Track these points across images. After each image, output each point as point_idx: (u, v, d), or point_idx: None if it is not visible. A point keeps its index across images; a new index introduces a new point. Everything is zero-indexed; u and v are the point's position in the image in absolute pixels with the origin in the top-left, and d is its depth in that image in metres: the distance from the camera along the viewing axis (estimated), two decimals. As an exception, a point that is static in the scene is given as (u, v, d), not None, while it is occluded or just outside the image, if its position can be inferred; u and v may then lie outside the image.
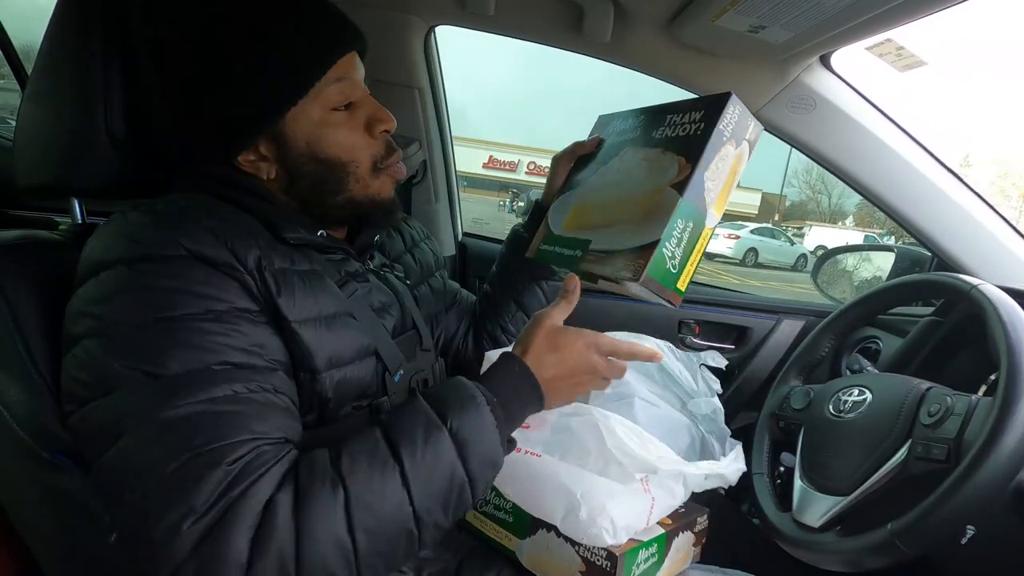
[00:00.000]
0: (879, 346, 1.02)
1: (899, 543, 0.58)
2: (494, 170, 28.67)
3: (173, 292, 0.49)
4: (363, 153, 0.63)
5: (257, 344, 0.52)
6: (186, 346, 0.48)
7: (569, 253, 0.69)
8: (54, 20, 0.63)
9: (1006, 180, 27.05)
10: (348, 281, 0.64)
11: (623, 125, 0.75)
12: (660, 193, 0.61)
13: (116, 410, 0.47)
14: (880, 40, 0.82)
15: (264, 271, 0.54)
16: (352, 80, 0.62)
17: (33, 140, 0.65)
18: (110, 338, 0.48)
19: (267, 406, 0.50)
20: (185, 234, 0.51)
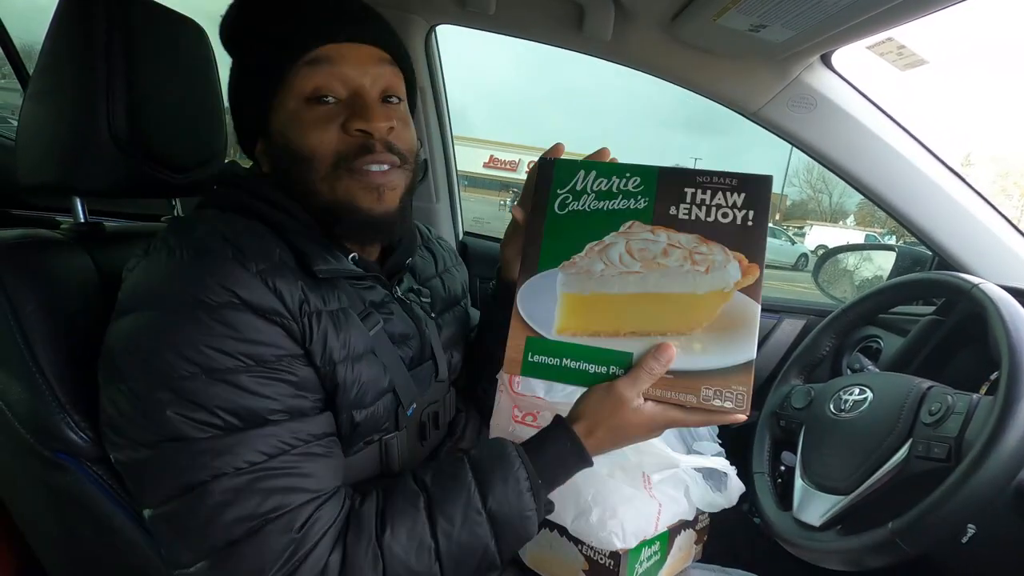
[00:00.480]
0: (880, 345, 1.02)
1: (900, 542, 0.58)
2: (495, 169, 28.68)
3: (224, 342, 0.49)
4: (325, 147, 0.58)
5: (304, 386, 0.54)
6: (240, 397, 0.49)
7: (598, 371, 0.55)
8: (56, 18, 0.63)
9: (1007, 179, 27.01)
10: (371, 313, 0.62)
11: (601, 184, 0.57)
12: (723, 298, 0.53)
13: (174, 464, 0.49)
14: (881, 39, 0.82)
15: (303, 315, 0.54)
16: (338, 75, 0.58)
17: (35, 139, 0.65)
18: (163, 387, 0.48)
19: (320, 458, 0.53)
20: (235, 281, 0.51)
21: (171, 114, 0.71)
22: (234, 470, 0.48)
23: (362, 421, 0.59)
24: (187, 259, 0.52)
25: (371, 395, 0.60)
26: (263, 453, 0.50)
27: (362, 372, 0.58)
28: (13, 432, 0.57)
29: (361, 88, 0.59)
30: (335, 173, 0.59)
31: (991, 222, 1.01)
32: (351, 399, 0.58)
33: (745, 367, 0.51)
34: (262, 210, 0.59)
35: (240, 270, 0.51)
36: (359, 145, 0.59)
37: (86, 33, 0.62)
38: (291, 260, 0.56)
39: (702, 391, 0.52)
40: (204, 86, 0.76)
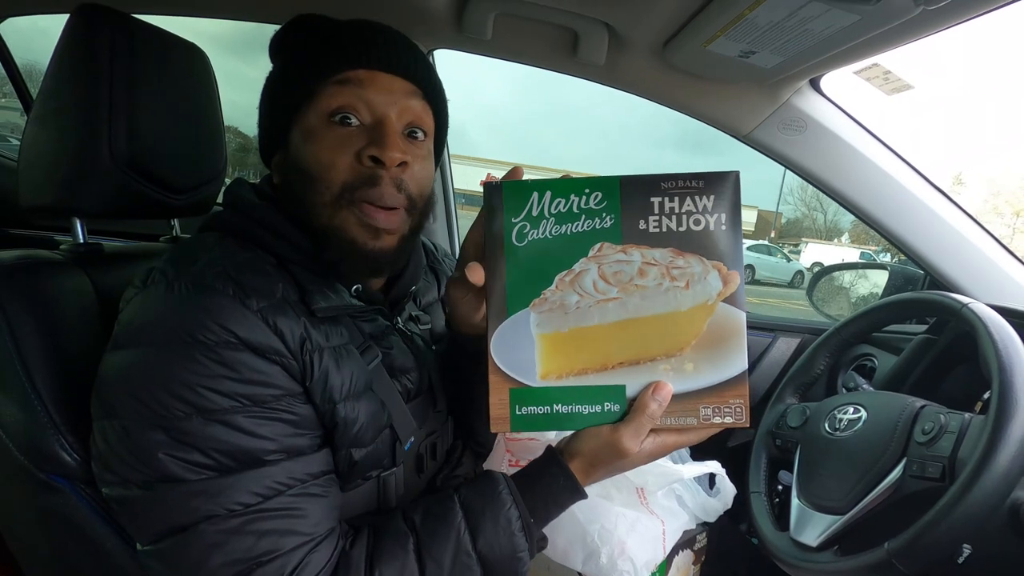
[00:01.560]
0: (874, 363, 1.03)
1: (896, 563, 0.58)
2: (492, 188, 28.77)
3: (221, 382, 0.48)
4: (336, 175, 0.56)
5: (303, 424, 0.53)
6: (236, 438, 0.49)
7: (593, 410, 0.52)
8: (61, 43, 0.64)
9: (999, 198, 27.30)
10: (369, 347, 0.61)
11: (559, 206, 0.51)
12: (708, 311, 0.50)
13: (166, 504, 0.48)
14: (868, 64, 0.84)
15: (305, 353, 0.53)
16: (363, 97, 0.57)
17: (37, 161, 0.66)
18: (156, 428, 0.48)
19: (316, 498, 0.52)
20: (235, 320, 0.49)
21: (172, 136, 0.72)
22: (226, 512, 0.48)
23: (360, 459, 0.59)
24: (185, 295, 0.50)
25: (371, 433, 0.59)
26: (257, 495, 0.49)
27: (362, 410, 0.57)
28: (7, 453, 0.56)
29: (386, 117, 0.58)
30: (337, 202, 0.57)
31: (980, 242, 1.03)
32: (351, 437, 0.57)
33: (739, 379, 0.50)
34: (266, 240, 0.57)
35: (240, 308, 0.50)
36: (367, 176, 0.56)
37: (89, 57, 0.63)
38: (293, 294, 0.55)
39: (701, 411, 0.51)
40: (205, 109, 0.78)
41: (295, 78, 0.59)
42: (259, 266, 0.55)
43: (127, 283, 0.57)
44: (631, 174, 0.51)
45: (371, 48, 0.58)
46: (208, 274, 0.51)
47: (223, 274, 0.52)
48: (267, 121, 0.63)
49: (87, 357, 0.57)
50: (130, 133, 0.65)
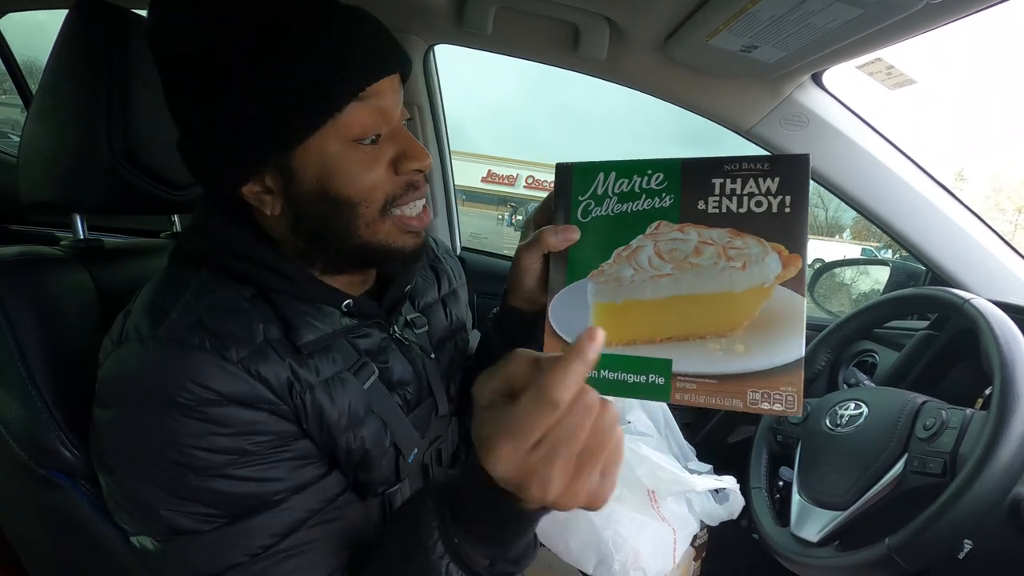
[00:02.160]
0: (876, 359, 1.03)
1: (897, 558, 0.58)
2: (493, 184, 28.83)
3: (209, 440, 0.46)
4: (377, 192, 0.54)
5: (305, 456, 0.52)
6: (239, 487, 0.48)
7: (637, 381, 0.52)
8: (60, 39, 0.64)
9: (1001, 194, 27.25)
10: (365, 364, 0.58)
11: (622, 186, 0.54)
12: (764, 294, 0.49)
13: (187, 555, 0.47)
14: (870, 59, 0.84)
15: (294, 396, 0.51)
16: (383, 109, 0.53)
17: (37, 157, 0.66)
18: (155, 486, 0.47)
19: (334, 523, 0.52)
20: (214, 377, 0.47)
21: (170, 132, 0.72)
22: (248, 558, 0.47)
23: (365, 481, 0.58)
24: (161, 355, 0.47)
25: (375, 458, 0.58)
26: (275, 535, 0.48)
27: (364, 437, 0.56)
28: (7, 449, 0.56)
29: (398, 123, 0.55)
30: (381, 217, 0.55)
31: (982, 237, 1.02)
32: (355, 464, 0.56)
33: (794, 366, 0.48)
34: (244, 271, 0.53)
35: (219, 363, 0.47)
36: (406, 184, 0.55)
37: (88, 53, 0.63)
38: (276, 330, 0.52)
39: (749, 394, 0.49)
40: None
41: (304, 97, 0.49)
42: (236, 308, 0.51)
43: (128, 279, 0.57)
44: (695, 156, 0.52)
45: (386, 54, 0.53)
46: (181, 328, 0.48)
47: (197, 325, 0.48)
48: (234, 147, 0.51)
49: (88, 353, 0.57)
50: (129, 129, 0.65)
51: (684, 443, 0.80)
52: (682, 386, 0.51)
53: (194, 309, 0.49)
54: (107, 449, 0.49)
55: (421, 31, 1.18)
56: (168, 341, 0.47)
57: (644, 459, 0.64)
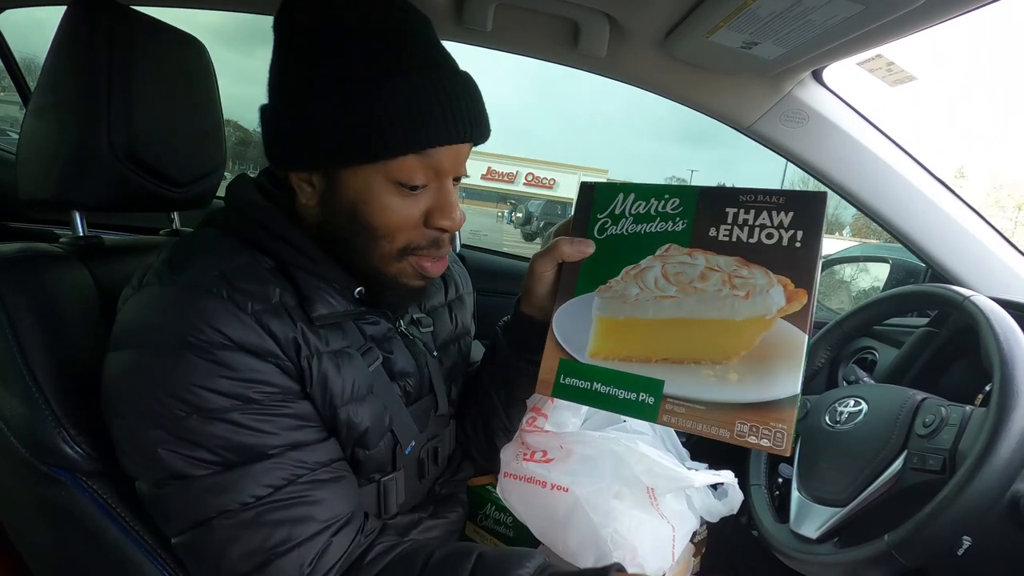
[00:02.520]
0: (875, 356, 1.03)
1: (896, 555, 0.58)
2: (493, 181, 28.80)
3: (217, 382, 0.48)
4: (401, 235, 0.56)
5: (305, 418, 0.54)
6: (238, 435, 0.49)
7: (627, 397, 0.53)
8: (59, 35, 0.64)
9: (1001, 191, 27.24)
10: (371, 348, 0.60)
11: (639, 207, 0.56)
12: (765, 326, 0.49)
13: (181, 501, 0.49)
14: (871, 56, 0.84)
15: (301, 358, 0.53)
16: (436, 167, 0.54)
17: (36, 154, 0.65)
18: (157, 427, 0.48)
19: (329, 483, 0.53)
20: (227, 322, 0.49)
21: (171, 129, 0.72)
22: (239, 506, 0.48)
23: (364, 460, 0.59)
24: (179, 297, 0.50)
25: (374, 438, 0.59)
26: (268, 486, 0.49)
27: (365, 415, 0.58)
28: (9, 447, 0.56)
29: (448, 181, 0.57)
30: (398, 256, 0.57)
31: (982, 234, 1.02)
32: (355, 439, 0.58)
33: (788, 402, 0.47)
34: (267, 243, 0.56)
35: (233, 310, 0.50)
36: (432, 239, 0.57)
37: (88, 50, 0.63)
38: (292, 300, 0.54)
39: (736, 426, 0.48)
40: (204, 102, 0.77)
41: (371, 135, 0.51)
42: (256, 271, 0.54)
43: (127, 276, 0.57)
44: (713, 186, 0.54)
45: (466, 121, 0.54)
46: (202, 277, 0.51)
47: (218, 277, 0.51)
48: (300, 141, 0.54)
49: (88, 350, 0.57)
50: (129, 126, 0.65)
51: (679, 444, 0.80)
52: (671, 408, 0.51)
53: (215, 265, 0.52)
54: (118, 392, 0.51)
55: (421, 28, 1.18)
56: (188, 286, 0.50)
57: (642, 456, 0.64)
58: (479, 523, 0.75)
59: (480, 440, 0.77)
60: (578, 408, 0.72)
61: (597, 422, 0.77)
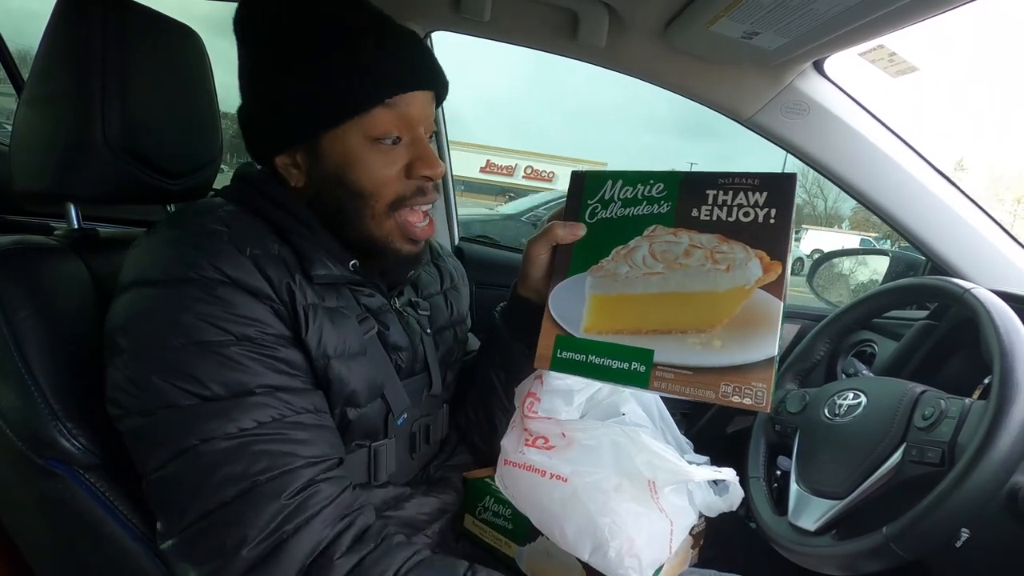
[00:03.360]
0: (874, 349, 1.03)
1: (894, 546, 0.58)
2: (492, 174, 28.73)
3: (213, 316, 0.51)
4: (388, 189, 0.61)
5: (294, 366, 0.55)
6: (228, 369, 0.50)
7: (620, 367, 0.57)
8: (51, 25, 0.63)
9: (1000, 184, 27.24)
10: (367, 318, 0.63)
11: (627, 192, 0.60)
12: (745, 295, 0.54)
13: (167, 430, 0.50)
14: (872, 46, 0.83)
15: (297, 304, 0.55)
16: (406, 118, 0.60)
17: (30, 145, 0.65)
18: (152, 358, 0.50)
19: (313, 427, 0.54)
20: (227, 261, 0.52)
21: (166, 120, 0.71)
22: (224, 435, 0.49)
23: (355, 419, 0.60)
24: (183, 239, 0.54)
25: (365, 396, 0.61)
26: (254, 420, 0.50)
27: (356, 372, 0.59)
28: (6, 441, 0.56)
29: (420, 133, 0.62)
30: (388, 213, 0.61)
31: (983, 227, 1.02)
32: (345, 396, 0.59)
33: (766, 363, 0.52)
34: (272, 213, 0.60)
35: (233, 251, 0.53)
36: (417, 188, 0.62)
37: (81, 39, 0.62)
38: (291, 258, 0.57)
39: (721, 387, 0.53)
40: (199, 92, 0.76)
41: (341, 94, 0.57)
42: (259, 230, 0.58)
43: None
44: (694, 171, 0.58)
45: (422, 72, 0.61)
46: (208, 222, 0.55)
47: (222, 227, 0.55)
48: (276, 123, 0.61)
49: (83, 342, 0.57)
50: (123, 116, 0.64)
51: (680, 435, 0.80)
52: (660, 375, 0.55)
53: (221, 219, 0.56)
54: (119, 329, 0.52)
55: (419, 17, 1.17)
56: (193, 232, 0.55)
57: (643, 448, 0.63)
58: (478, 516, 0.75)
59: (481, 422, 0.79)
60: (570, 397, 0.72)
61: (595, 416, 0.77)
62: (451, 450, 0.79)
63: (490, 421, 0.78)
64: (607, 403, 0.76)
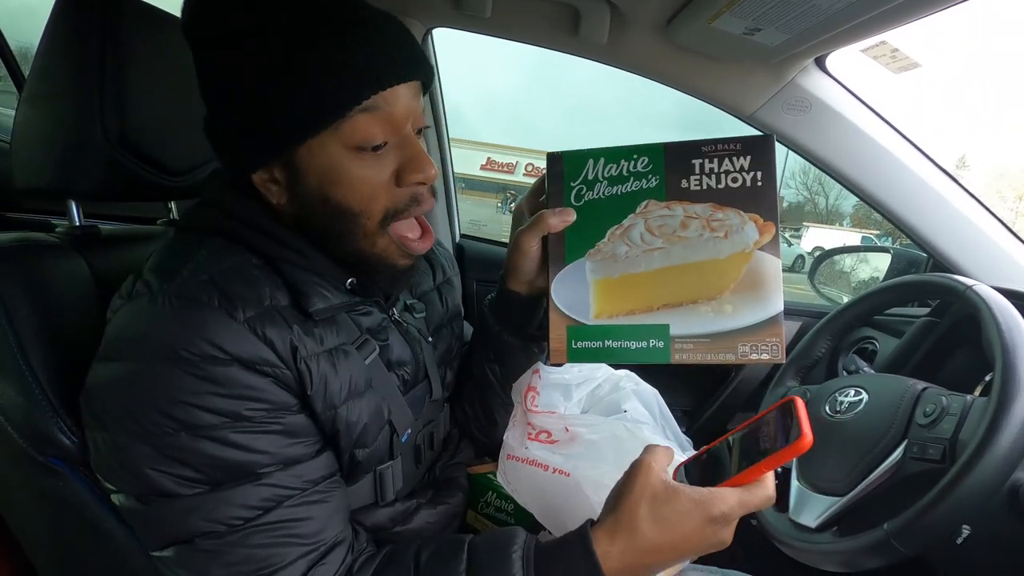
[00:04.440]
0: (875, 347, 1.03)
1: (895, 543, 0.58)
2: (492, 172, 28.69)
3: (208, 399, 0.47)
4: (377, 204, 0.54)
5: (299, 432, 0.52)
6: (228, 452, 0.48)
7: (639, 346, 0.57)
8: (51, 22, 0.63)
9: (1002, 181, 27.17)
10: (366, 341, 0.59)
11: (611, 170, 0.58)
12: (745, 258, 0.55)
13: (163, 520, 0.48)
14: (875, 42, 0.83)
15: (298, 362, 0.51)
16: (389, 118, 0.52)
17: (30, 142, 0.65)
18: (144, 442, 0.47)
19: (317, 505, 0.52)
20: (220, 333, 0.47)
21: (166, 117, 0.71)
22: (225, 527, 0.47)
23: (364, 459, 0.59)
24: (169, 309, 0.48)
25: (372, 433, 0.59)
26: (254, 508, 0.48)
27: (363, 410, 0.57)
28: (6, 437, 0.56)
29: (408, 132, 0.55)
30: (380, 230, 0.55)
31: (985, 224, 1.02)
32: (354, 440, 0.57)
33: (775, 319, 0.55)
34: (253, 240, 0.54)
35: (226, 320, 0.48)
36: (411, 196, 0.56)
37: (81, 37, 0.62)
38: (284, 298, 0.53)
39: (739, 348, 0.55)
40: (199, 89, 0.76)
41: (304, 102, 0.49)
42: (246, 272, 0.52)
43: (124, 266, 0.57)
44: (675, 140, 0.58)
45: (401, 64, 0.52)
46: (192, 285, 0.49)
47: (208, 284, 0.49)
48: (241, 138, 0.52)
49: (84, 340, 0.57)
50: (124, 113, 0.64)
51: (680, 433, 0.80)
52: (680, 347, 0.57)
53: (205, 269, 0.51)
54: (104, 405, 0.49)
55: (419, 14, 1.17)
56: (178, 296, 0.48)
57: (645, 443, 0.63)
58: (480, 511, 0.75)
59: (479, 416, 0.78)
60: (569, 391, 0.72)
61: (597, 413, 0.77)
62: (454, 448, 0.79)
63: (488, 415, 0.77)
64: (608, 400, 0.76)
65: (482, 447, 0.81)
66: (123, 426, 0.47)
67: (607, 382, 0.77)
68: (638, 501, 0.48)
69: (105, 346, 0.50)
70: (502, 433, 0.72)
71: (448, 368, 0.75)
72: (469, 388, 0.77)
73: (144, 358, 0.47)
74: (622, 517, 0.49)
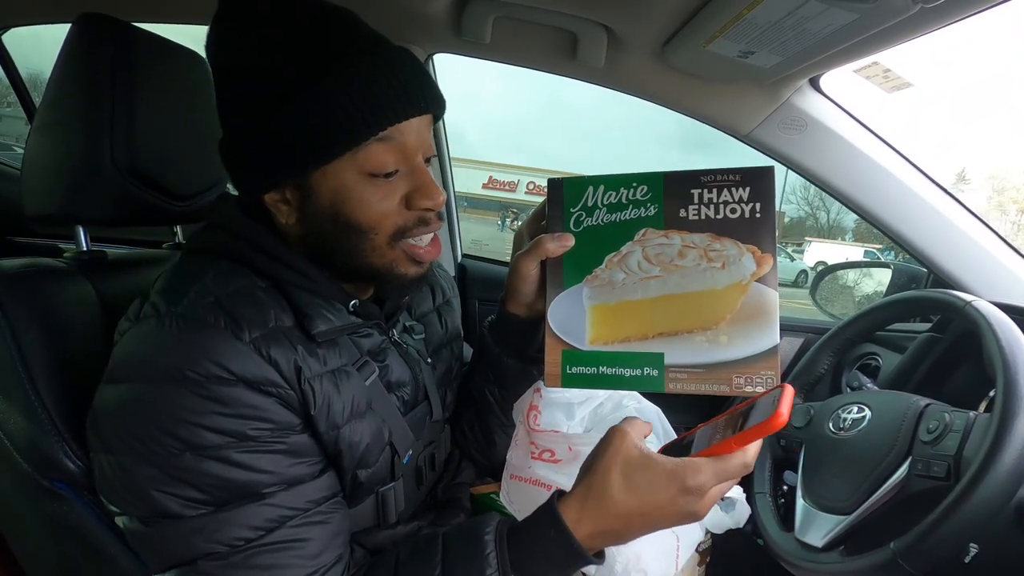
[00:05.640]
0: (878, 362, 1.02)
1: (902, 562, 0.58)
2: (494, 190, 28.87)
3: (214, 419, 0.48)
4: (387, 222, 0.56)
5: (301, 453, 0.53)
6: (232, 473, 0.48)
7: (633, 374, 0.57)
8: (63, 53, 0.64)
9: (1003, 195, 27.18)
10: (366, 362, 0.60)
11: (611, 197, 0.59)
12: (742, 290, 0.55)
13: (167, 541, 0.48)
14: (867, 63, 0.84)
15: (302, 382, 0.52)
16: (402, 148, 0.55)
17: (40, 169, 0.66)
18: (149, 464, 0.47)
19: (319, 526, 0.52)
20: (227, 354, 0.48)
21: (173, 143, 0.73)
22: (227, 548, 0.48)
23: (365, 480, 0.59)
24: (175, 330, 0.49)
25: (374, 454, 0.59)
26: (257, 528, 0.48)
27: (365, 431, 0.57)
28: (11, 461, 0.57)
29: (418, 162, 0.58)
30: (390, 245, 0.57)
31: (983, 239, 1.02)
32: (356, 460, 0.57)
33: (770, 352, 0.54)
34: (259, 262, 0.56)
35: (232, 341, 0.49)
36: (418, 219, 0.58)
37: (91, 67, 0.64)
38: (289, 320, 0.54)
39: (733, 380, 0.55)
40: (205, 116, 0.78)
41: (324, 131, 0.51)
42: (252, 294, 0.53)
43: (131, 290, 0.58)
44: (674, 170, 0.58)
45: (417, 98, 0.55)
46: (198, 307, 0.50)
47: (214, 305, 0.51)
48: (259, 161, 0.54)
49: (91, 365, 0.58)
50: (132, 141, 0.66)
51: None
52: (674, 376, 0.56)
53: (211, 291, 0.52)
54: (110, 428, 0.49)
55: (421, 40, 1.19)
56: (185, 318, 0.49)
57: None
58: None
59: (478, 438, 0.78)
60: (571, 410, 0.72)
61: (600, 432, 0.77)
62: (455, 468, 0.79)
63: (488, 436, 0.78)
64: (611, 419, 0.76)
65: (483, 469, 0.81)
66: (128, 447, 0.48)
67: (609, 400, 0.77)
68: (610, 466, 0.49)
69: (112, 368, 0.51)
70: (501, 454, 0.71)
71: (448, 389, 0.75)
72: (470, 411, 0.78)
73: (150, 379, 0.48)
74: (594, 480, 0.50)
